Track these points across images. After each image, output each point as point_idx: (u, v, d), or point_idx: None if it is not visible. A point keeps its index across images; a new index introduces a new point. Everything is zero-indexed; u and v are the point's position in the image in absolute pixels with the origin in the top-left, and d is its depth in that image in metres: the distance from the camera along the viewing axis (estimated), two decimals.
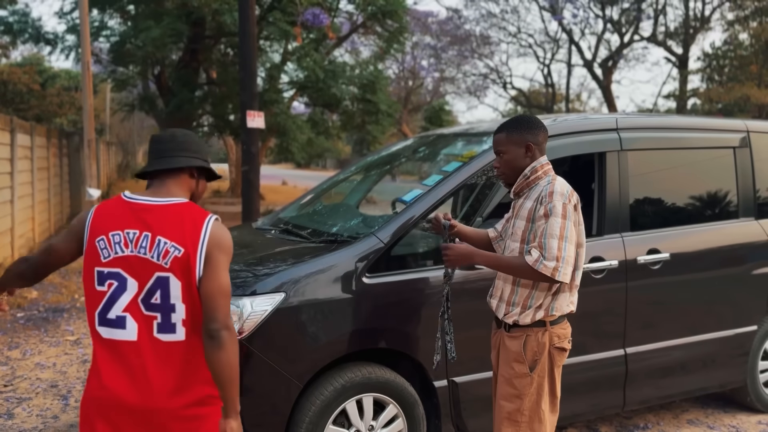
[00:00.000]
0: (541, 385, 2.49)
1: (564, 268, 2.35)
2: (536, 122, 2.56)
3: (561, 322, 2.53)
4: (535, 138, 2.52)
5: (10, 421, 3.91)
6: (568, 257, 2.36)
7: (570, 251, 2.37)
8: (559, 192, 2.40)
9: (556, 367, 2.53)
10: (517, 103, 29.61)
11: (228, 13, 11.75)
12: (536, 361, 2.48)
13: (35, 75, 19.40)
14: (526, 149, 2.51)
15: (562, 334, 2.52)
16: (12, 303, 6.59)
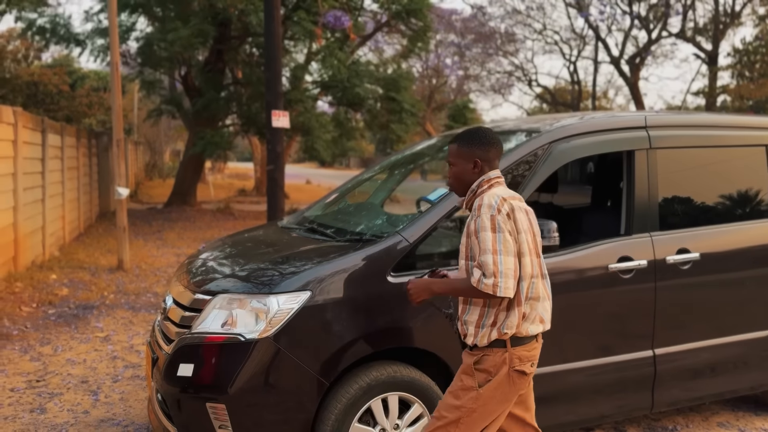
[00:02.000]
0: (488, 406, 2.36)
1: (504, 282, 2.25)
2: (489, 137, 2.48)
3: (526, 344, 2.39)
4: (485, 154, 2.46)
5: (43, 416, 3.99)
6: (506, 270, 2.25)
7: (508, 263, 2.26)
8: (486, 204, 2.32)
9: (513, 393, 2.38)
10: (543, 101, 29.36)
11: (254, 14, 11.85)
12: (488, 380, 2.36)
13: (65, 76, 19.77)
14: (474, 164, 2.45)
15: (524, 356, 2.38)
16: (43, 300, 6.73)
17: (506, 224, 2.29)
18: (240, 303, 2.87)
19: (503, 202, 2.33)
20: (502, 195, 2.36)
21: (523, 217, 2.36)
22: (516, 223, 2.33)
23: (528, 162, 3.26)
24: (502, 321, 2.35)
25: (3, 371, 4.75)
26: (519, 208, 2.37)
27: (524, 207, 2.42)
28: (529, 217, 2.42)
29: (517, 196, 2.44)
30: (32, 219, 8.34)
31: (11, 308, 6.35)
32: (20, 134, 7.65)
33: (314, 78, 15.97)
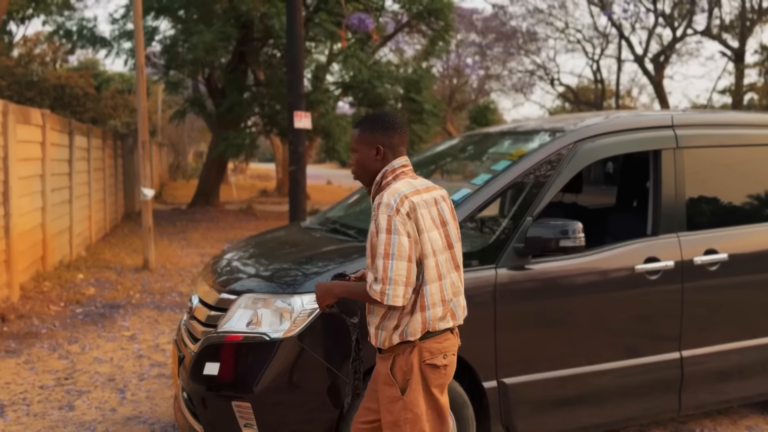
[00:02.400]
0: (417, 409, 2.23)
1: (393, 290, 2.12)
2: (392, 121, 2.32)
3: (435, 336, 2.24)
4: (388, 139, 2.29)
5: (71, 413, 4.06)
6: (396, 277, 2.11)
7: (399, 269, 2.12)
8: (384, 203, 2.16)
9: (433, 386, 2.25)
10: (565, 100, 29.12)
11: (276, 17, 11.93)
12: (407, 381, 2.23)
13: (91, 79, 20.10)
14: (376, 151, 2.30)
15: (435, 349, 2.24)
16: (71, 299, 6.85)
17: (404, 226, 2.15)
18: (265, 302, 2.90)
19: (403, 200, 2.17)
20: (403, 192, 2.20)
21: (426, 212, 2.21)
22: (418, 222, 2.17)
23: (551, 162, 3.23)
24: (405, 326, 2.22)
25: (33, 369, 4.84)
26: (422, 204, 2.21)
27: (432, 198, 2.27)
28: (438, 207, 2.27)
29: (423, 188, 2.27)
30: (60, 219, 8.49)
31: (40, 307, 6.47)
32: (48, 136, 7.79)
33: (335, 79, 16.03)
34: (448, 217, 2.29)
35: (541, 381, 3.12)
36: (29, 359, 5.05)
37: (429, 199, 2.25)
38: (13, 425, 3.88)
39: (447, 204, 2.33)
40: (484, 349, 3.00)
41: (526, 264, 3.06)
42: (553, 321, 3.15)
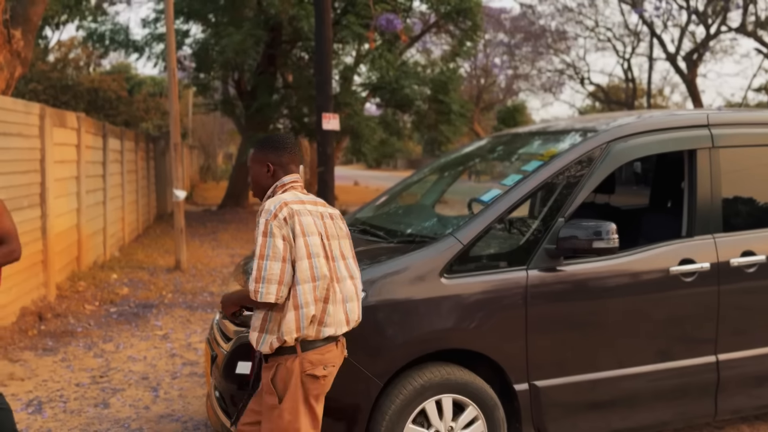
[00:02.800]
0: (295, 418, 2.32)
1: (265, 288, 2.26)
2: (282, 143, 2.53)
3: (317, 347, 2.36)
4: (278, 158, 2.49)
5: (106, 410, 4.14)
6: (269, 276, 2.26)
7: (272, 269, 2.26)
8: (265, 209, 2.34)
9: (311, 396, 2.35)
10: (596, 99, 28.76)
11: (305, 19, 12.01)
12: (286, 390, 2.32)
13: (123, 82, 20.50)
14: (267, 169, 2.49)
15: (315, 360, 2.34)
16: (105, 299, 6.99)
17: (280, 229, 2.29)
18: None
19: (282, 207, 2.32)
20: (285, 200, 2.36)
21: (309, 219, 2.34)
22: (295, 226, 2.30)
23: (584, 162, 3.20)
24: (280, 326, 2.32)
25: (69, 367, 4.95)
26: (304, 212, 2.35)
27: (319, 212, 2.42)
28: (324, 221, 2.41)
29: (309, 201, 2.43)
30: (94, 221, 8.66)
31: (76, 306, 6.61)
32: (83, 139, 7.96)
33: (363, 80, 16.07)
34: (330, 231, 2.43)
35: (573, 384, 3.09)
36: (65, 357, 5.16)
37: (314, 210, 2.42)
38: (51, 421, 3.97)
39: (337, 222, 2.49)
40: (514, 351, 2.98)
41: (557, 265, 3.03)
42: (586, 323, 3.12)
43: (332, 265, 2.38)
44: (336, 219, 2.50)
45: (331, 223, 2.46)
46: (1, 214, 3.00)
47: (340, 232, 2.49)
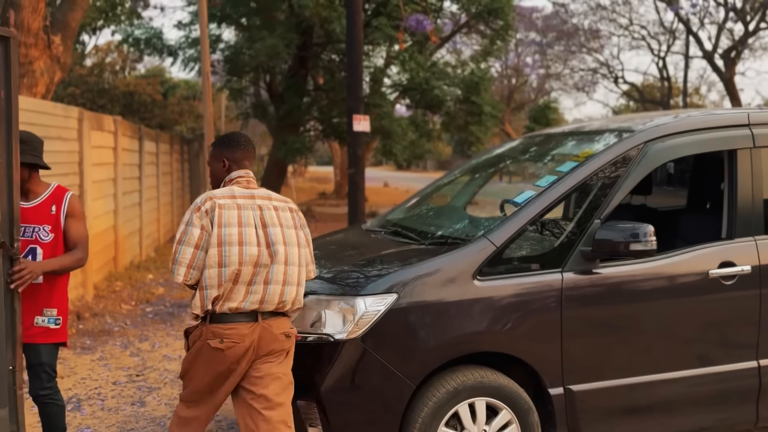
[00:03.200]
0: (191, 370, 2.67)
1: (177, 269, 2.57)
2: (236, 141, 2.81)
3: (222, 322, 2.58)
4: (231, 155, 2.78)
5: (143, 409, 4.22)
6: (180, 259, 2.56)
7: (185, 253, 2.56)
8: (194, 202, 2.63)
9: (202, 361, 2.60)
10: (630, 98, 28.31)
11: (337, 21, 12.07)
12: (189, 347, 2.68)
13: (158, 86, 20.86)
14: (223, 164, 2.78)
15: (216, 332, 2.57)
16: (141, 298, 7.12)
17: (200, 220, 2.57)
18: (328, 304, 2.93)
19: (207, 200, 2.60)
20: (212, 194, 2.63)
21: (233, 213, 2.58)
22: (215, 218, 2.56)
23: (620, 163, 3.14)
24: (193, 301, 2.63)
25: (106, 365, 5.06)
26: (231, 206, 2.60)
27: (255, 204, 2.65)
28: (262, 212, 2.64)
29: (244, 195, 2.65)
30: (130, 222, 8.84)
31: (113, 306, 6.75)
32: (120, 142, 8.13)
33: (393, 81, 16.08)
34: (273, 220, 2.65)
35: (609, 388, 3.04)
36: (103, 356, 5.27)
37: (245, 203, 2.64)
38: (89, 419, 4.06)
39: (282, 213, 2.70)
40: (549, 354, 2.94)
41: (593, 268, 2.99)
42: (622, 327, 3.07)
43: (259, 251, 2.59)
44: (281, 210, 2.70)
45: (272, 213, 2.66)
46: (79, 220, 3.08)
47: (286, 222, 2.68)
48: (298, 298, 2.68)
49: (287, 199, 2.80)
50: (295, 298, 2.67)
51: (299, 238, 2.71)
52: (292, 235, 2.68)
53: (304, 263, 2.71)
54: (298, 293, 2.68)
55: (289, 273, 2.64)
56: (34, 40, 6.77)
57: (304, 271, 2.72)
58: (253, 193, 2.69)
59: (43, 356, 2.99)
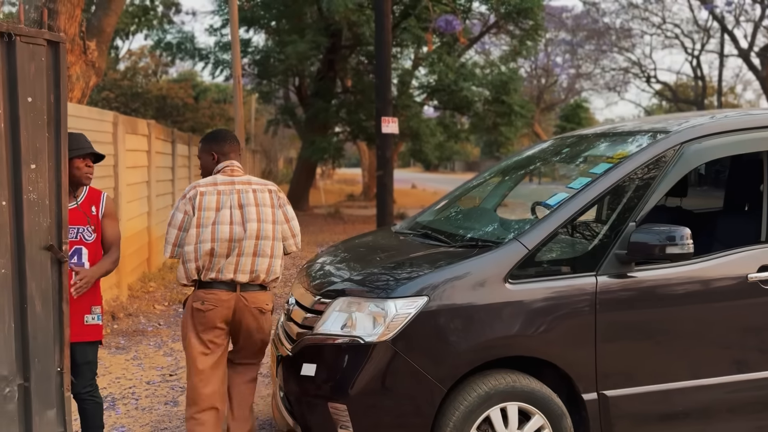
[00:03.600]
0: (184, 326, 3.19)
1: (165, 247, 3.13)
2: (223, 137, 3.29)
3: (204, 288, 3.08)
4: (220, 148, 3.23)
5: (176, 408, 4.29)
6: (168, 238, 3.10)
7: (170, 234, 3.10)
8: (184, 191, 3.12)
9: (192, 318, 3.12)
10: (662, 98, 27.83)
11: (366, 24, 12.11)
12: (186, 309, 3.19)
13: (190, 89, 21.19)
14: (213, 157, 3.23)
15: (199, 296, 3.09)
16: (173, 299, 7.23)
17: (184, 205, 3.07)
18: (359, 306, 2.94)
19: (192, 189, 3.09)
20: (197, 183, 3.11)
21: (213, 198, 3.05)
22: (197, 203, 3.04)
23: (656, 164, 3.09)
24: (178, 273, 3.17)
25: (140, 365, 5.15)
26: (211, 192, 3.07)
27: (234, 189, 3.09)
28: (240, 195, 3.08)
29: (225, 182, 3.11)
30: (163, 223, 8.97)
31: (146, 306, 6.87)
32: (153, 145, 8.27)
33: (420, 83, 16.08)
34: (250, 200, 3.09)
35: (644, 394, 2.99)
36: (137, 355, 5.37)
37: (225, 189, 3.09)
38: (124, 418, 4.13)
39: (261, 195, 3.14)
40: (582, 359, 2.91)
41: (628, 271, 2.95)
42: (658, 331, 3.01)
43: (232, 228, 3.04)
44: (260, 192, 3.14)
45: (249, 195, 3.11)
46: (114, 220, 3.22)
47: (263, 201, 3.12)
48: (273, 269, 3.13)
49: (267, 182, 3.24)
50: (268, 268, 3.11)
51: (275, 215, 3.15)
52: (267, 212, 3.11)
53: (279, 237, 3.14)
54: (272, 264, 3.12)
55: (260, 246, 3.07)
56: (70, 46, 6.93)
57: (280, 245, 3.15)
58: (233, 180, 3.14)
59: (89, 354, 3.11)
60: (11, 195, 2.33)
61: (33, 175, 2.38)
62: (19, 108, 2.31)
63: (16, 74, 2.29)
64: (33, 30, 2.34)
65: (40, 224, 2.42)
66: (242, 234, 3.03)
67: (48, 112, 2.42)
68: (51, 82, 2.41)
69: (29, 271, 2.39)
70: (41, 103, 2.39)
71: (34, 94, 2.36)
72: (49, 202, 2.45)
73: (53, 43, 2.40)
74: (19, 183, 2.34)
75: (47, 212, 2.45)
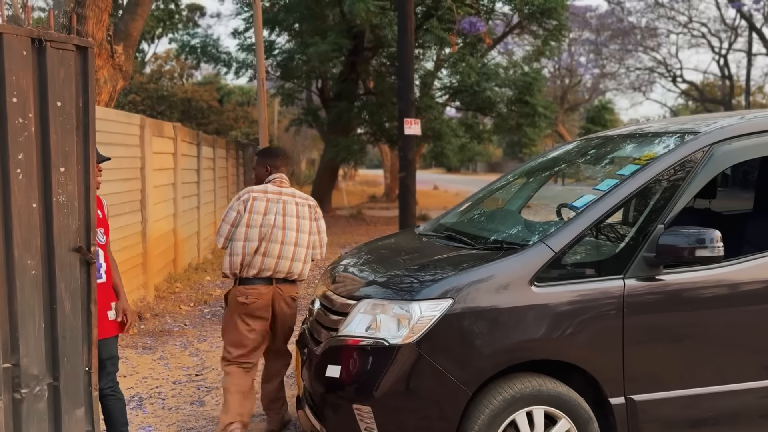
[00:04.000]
0: (227, 322, 3.76)
1: (218, 238, 3.69)
2: (276, 153, 3.94)
3: (245, 284, 3.64)
4: (273, 162, 3.85)
5: (201, 408, 4.32)
6: (221, 231, 3.67)
7: (223, 228, 3.66)
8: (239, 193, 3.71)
9: (240, 314, 3.66)
10: (689, 98, 27.40)
11: (388, 27, 12.11)
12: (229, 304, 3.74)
13: (214, 92, 21.40)
14: (266, 169, 3.84)
15: (240, 291, 3.64)
16: (199, 299, 7.30)
17: (238, 205, 3.64)
18: (383, 308, 2.94)
19: (246, 193, 3.68)
20: (253, 188, 3.71)
21: (262, 203, 3.63)
22: (248, 206, 3.62)
23: (684, 166, 3.04)
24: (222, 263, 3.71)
25: (166, 365, 5.20)
26: (261, 198, 3.65)
27: (280, 198, 3.69)
28: (285, 205, 3.67)
29: (274, 192, 3.70)
30: (189, 225, 9.08)
31: (173, 307, 6.95)
32: (179, 147, 8.37)
33: (443, 84, 16.03)
34: (291, 211, 3.69)
35: (673, 399, 2.94)
36: (163, 355, 5.43)
37: (274, 197, 3.69)
38: (151, 417, 4.18)
39: (301, 208, 3.74)
40: (610, 363, 2.87)
41: (657, 274, 2.90)
42: (687, 335, 2.96)
43: (274, 231, 3.61)
44: (301, 205, 3.73)
45: (292, 207, 3.70)
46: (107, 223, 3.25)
47: (302, 213, 3.72)
48: (303, 272, 3.75)
49: (308, 197, 3.82)
50: (300, 272, 3.73)
51: (311, 227, 3.74)
52: (304, 224, 3.71)
53: (309, 246, 3.73)
54: (303, 269, 3.73)
55: (297, 252, 3.67)
56: (98, 50, 7.04)
57: (308, 252, 3.73)
58: (281, 191, 3.74)
59: (112, 348, 3.22)
60: (41, 197, 2.37)
61: (62, 178, 2.41)
62: (49, 112, 2.35)
63: (46, 79, 2.33)
64: (62, 35, 2.38)
65: (69, 226, 2.46)
66: (283, 239, 3.63)
67: (77, 116, 2.46)
68: (79, 86, 2.44)
69: (58, 272, 2.43)
70: (70, 107, 2.42)
71: (64, 99, 2.39)
72: (78, 205, 2.48)
73: (82, 48, 2.44)
74: (49, 186, 2.38)
75: (76, 214, 2.48)
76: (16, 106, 2.24)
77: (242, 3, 16.23)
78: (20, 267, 2.29)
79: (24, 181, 2.29)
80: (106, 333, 3.12)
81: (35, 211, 2.35)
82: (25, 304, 2.32)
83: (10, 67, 2.21)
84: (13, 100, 2.23)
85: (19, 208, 2.28)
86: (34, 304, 2.36)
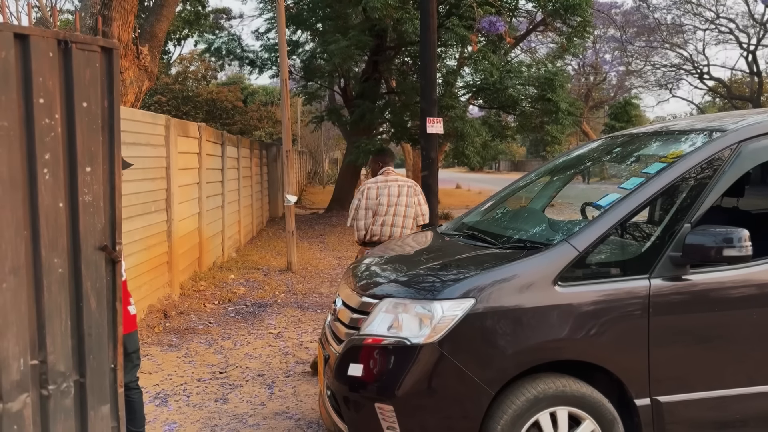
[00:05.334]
0: None
1: (348, 220, 5.14)
2: (385, 152, 5.36)
3: (371, 244, 4.89)
4: (383, 159, 5.21)
5: (225, 405, 4.36)
6: (351, 212, 5.09)
7: (351, 209, 5.08)
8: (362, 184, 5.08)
9: None
10: (716, 95, 26.89)
11: (409, 22, 12.09)
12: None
13: (238, 93, 21.58)
14: (379, 165, 5.19)
15: (364, 249, 4.89)
16: (224, 298, 7.37)
17: (358, 194, 5.04)
18: (405, 308, 2.93)
19: (365, 185, 5.06)
20: (367, 182, 5.09)
21: (373, 190, 5.00)
22: (365, 193, 5.01)
23: (712, 164, 2.98)
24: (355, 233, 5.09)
25: (191, 362, 5.26)
26: (373, 186, 5.02)
27: (387, 184, 5.03)
28: (389, 189, 5.00)
29: (382, 180, 5.05)
30: (213, 224, 9.17)
31: (197, 305, 7.02)
32: (204, 147, 8.45)
33: (465, 82, 15.95)
34: (394, 192, 5.01)
35: (699, 400, 2.89)
36: (188, 353, 5.49)
37: (383, 184, 5.03)
38: (176, 414, 4.23)
39: (402, 188, 5.03)
40: (635, 364, 2.83)
41: (683, 274, 2.85)
42: (714, 336, 2.91)
43: (385, 208, 4.96)
44: (401, 187, 5.03)
45: (396, 189, 5.01)
46: None
47: (402, 192, 5.01)
48: (404, 233, 4.92)
49: (408, 180, 5.12)
50: (400, 233, 4.92)
51: (408, 201, 5.00)
52: (404, 200, 4.99)
53: (411, 215, 5.01)
54: (403, 232, 4.94)
55: (400, 221, 4.97)
56: (124, 51, 7.15)
57: (410, 220, 5.01)
58: (387, 179, 5.05)
59: (137, 341, 3.31)
60: (68, 197, 2.40)
61: (88, 178, 2.44)
62: (75, 113, 2.38)
63: (72, 80, 2.36)
64: (88, 37, 2.41)
65: (95, 225, 2.49)
66: (391, 212, 4.96)
67: (102, 116, 2.49)
68: (105, 87, 2.47)
69: (84, 270, 2.46)
70: (96, 108, 2.45)
71: (89, 99, 2.42)
72: (104, 204, 2.51)
73: (107, 49, 2.47)
74: (75, 185, 2.41)
75: (101, 214, 2.51)
76: (42, 107, 2.28)
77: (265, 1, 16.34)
78: (47, 265, 2.33)
79: (51, 180, 2.32)
80: (130, 327, 3.19)
81: (62, 211, 2.38)
82: (52, 302, 2.36)
83: (36, 69, 2.25)
84: (40, 101, 2.26)
85: (47, 208, 2.31)
86: (61, 302, 2.40)
